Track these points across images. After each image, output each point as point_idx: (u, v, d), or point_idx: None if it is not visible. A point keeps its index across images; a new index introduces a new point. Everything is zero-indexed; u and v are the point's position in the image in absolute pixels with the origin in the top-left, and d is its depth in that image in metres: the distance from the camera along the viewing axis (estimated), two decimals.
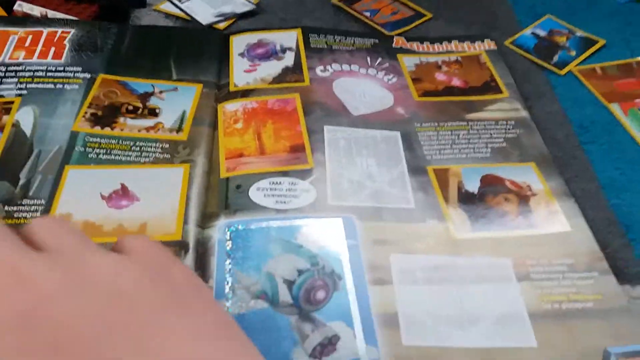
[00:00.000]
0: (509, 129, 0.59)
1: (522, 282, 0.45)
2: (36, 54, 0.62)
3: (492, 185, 0.53)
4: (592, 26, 0.73)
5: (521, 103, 0.62)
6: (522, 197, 0.52)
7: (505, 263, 0.46)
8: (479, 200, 0.52)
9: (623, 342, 0.41)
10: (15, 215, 0.47)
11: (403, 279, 0.45)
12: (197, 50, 0.66)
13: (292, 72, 0.64)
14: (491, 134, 0.58)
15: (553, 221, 0.50)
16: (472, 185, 0.53)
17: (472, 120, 0.60)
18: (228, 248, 0.46)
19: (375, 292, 0.44)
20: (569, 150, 0.58)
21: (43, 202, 0.48)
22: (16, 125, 0.54)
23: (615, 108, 0.62)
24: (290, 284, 0.43)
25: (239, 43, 0.68)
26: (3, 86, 0.57)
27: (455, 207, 0.51)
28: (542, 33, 0.73)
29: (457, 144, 0.57)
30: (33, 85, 0.58)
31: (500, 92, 0.63)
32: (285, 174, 0.52)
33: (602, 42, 0.71)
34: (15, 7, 0.68)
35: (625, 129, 0.60)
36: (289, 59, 0.66)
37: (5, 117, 0.54)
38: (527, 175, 0.54)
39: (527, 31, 0.73)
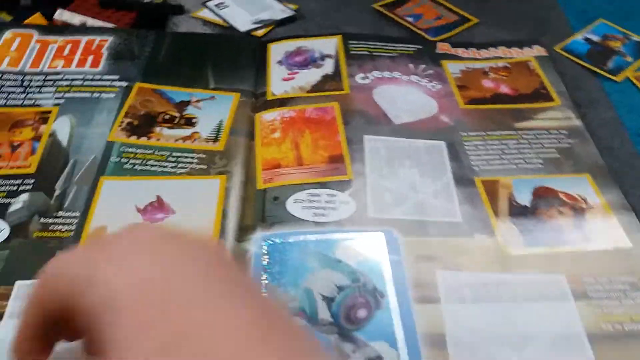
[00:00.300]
0: (561, 139, 0.56)
1: (579, 300, 0.42)
2: (74, 63, 0.61)
3: (544, 198, 0.50)
4: None
5: (574, 111, 0.59)
6: (577, 210, 0.49)
7: (560, 279, 0.43)
8: (530, 213, 0.48)
9: None
10: (50, 228, 0.46)
11: (450, 296, 0.42)
12: (235, 58, 0.64)
13: (332, 80, 0.62)
14: (543, 144, 0.55)
15: (611, 236, 0.47)
16: (524, 198, 0.50)
17: (522, 129, 0.57)
18: (265, 262, 0.44)
19: (420, 311, 0.41)
20: (625, 160, 0.54)
21: (78, 214, 0.47)
22: (53, 135, 0.53)
23: None
24: (329, 301, 0.41)
25: (277, 51, 0.66)
26: (41, 95, 0.57)
27: (505, 221, 0.48)
28: (595, 38, 0.69)
29: (506, 154, 0.54)
30: (70, 95, 0.57)
31: (552, 99, 0.60)
32: (323, 185, 0.50)
33: None
34: (56, 16, 0.68)
35: None
36: (328, 67, 0.64)
37: (42, 127, 0.54)
38: (581, 187, 0.51)
39: (579, 36, 0.70)
